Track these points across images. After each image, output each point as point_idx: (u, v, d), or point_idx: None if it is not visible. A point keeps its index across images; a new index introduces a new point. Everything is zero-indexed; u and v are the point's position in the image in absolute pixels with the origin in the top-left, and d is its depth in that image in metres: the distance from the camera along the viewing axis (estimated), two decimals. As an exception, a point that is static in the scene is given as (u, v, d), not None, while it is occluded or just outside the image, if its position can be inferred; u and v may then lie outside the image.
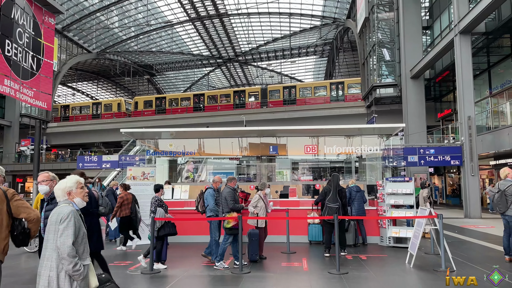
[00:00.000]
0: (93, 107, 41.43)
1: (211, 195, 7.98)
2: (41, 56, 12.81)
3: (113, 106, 40.37)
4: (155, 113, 38.33)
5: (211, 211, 7.93)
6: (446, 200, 26.58)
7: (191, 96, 39.02)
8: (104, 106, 40.85)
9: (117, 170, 23.05)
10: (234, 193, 7.71)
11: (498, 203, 7.39)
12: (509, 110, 18.25)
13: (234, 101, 36.58)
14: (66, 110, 42.13)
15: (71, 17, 37.17)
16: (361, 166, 13.82)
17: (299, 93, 34.71)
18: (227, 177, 8.64)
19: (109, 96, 60.37)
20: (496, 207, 7.51)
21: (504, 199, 7.30)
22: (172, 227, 7.55)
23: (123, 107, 39.82)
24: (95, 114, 40.68)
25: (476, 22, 16.47)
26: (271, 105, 35.01)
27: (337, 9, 37.79)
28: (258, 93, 36.41)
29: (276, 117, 32.99)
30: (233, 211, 7.45)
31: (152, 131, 13.04)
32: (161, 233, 7.41)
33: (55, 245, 2.90)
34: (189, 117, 36.02)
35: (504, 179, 7.53)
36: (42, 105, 12.88)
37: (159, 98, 39.75)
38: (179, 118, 36.15)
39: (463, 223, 14.37)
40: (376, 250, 9.30)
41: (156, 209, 7.52)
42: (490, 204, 7.56)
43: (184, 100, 38.49)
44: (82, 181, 3.28)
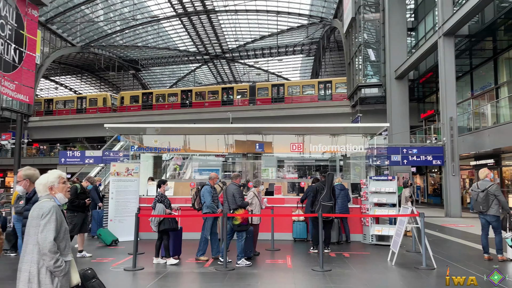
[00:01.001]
0: (77, 102, 40.65)
1: (208, 192, 7.87)
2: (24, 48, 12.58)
3: (99, 100, 39.65)
4: (141, 108, 37.86)
5: (207, 208, 7.82)
6: (428, 199, 27.04)
7: (179, 92, 38.61)
8: (89, 101, 40.10)
9: (100, 165, 22.78)
10: (241, 190, 7.75)
11: (482, 202, 7.51)
12: (489, 111, 18.65)
13: (222, 98, 36.42)
14: (50, 104, 41.25)
15: (55, 10, 36.44)
16: (346, 164, 13.97)
17: (288, 91, 34.74)
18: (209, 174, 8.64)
19: (93, 91, 59.51)
20: (479, 206, 7.59)
21: (487, 199, 7.45)
22: (172, 221, 7.50)
23: (108, 102, 39.18)
24: (80, 108, 39.96)
25: (459, 24, 16.75)
26: (259, 102, 34.96)
27: (324, 9, 37.96)
28: (246, 90, 36.31)
29: (263, 114, 32.96)
30: (241, 208, 7.46)
31: (136, 127, 12.93)
32: (161, 227, 7.38)
33: (36, 241, 2.85)
34: (176, 113, 35.64)
35: (483, 179, 7.73)
36: (23, 98, 12.65)
37: (146, 94, 39.28)
38: (165, 114, 35.76)
39: (443, 222, 14.65)
40: (359, 247, 9.42)
41: (155, 205, 7.51)
42: (471, 203, 7.78)
43: (171, 96, 38.10)
44: (64, 176, 3.24)
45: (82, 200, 8.23)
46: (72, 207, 8.09)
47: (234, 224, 7.38)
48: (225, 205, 7.80)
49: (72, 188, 8.21)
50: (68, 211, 8.17)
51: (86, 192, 8.55)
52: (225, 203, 7.81)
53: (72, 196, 8.05)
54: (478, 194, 7.62)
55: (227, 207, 7.66)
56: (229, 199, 7.59)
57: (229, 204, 7.61)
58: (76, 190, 8.21)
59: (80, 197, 8.19)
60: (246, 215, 7.45)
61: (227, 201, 7.69)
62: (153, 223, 7.47)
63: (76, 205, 8.12)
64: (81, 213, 8.20)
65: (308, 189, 9.49)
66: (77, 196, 8.15)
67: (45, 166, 37.02)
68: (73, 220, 8.04)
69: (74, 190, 8.17)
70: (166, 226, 7.43)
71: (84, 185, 8.61)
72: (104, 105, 39.12)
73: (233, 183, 7.83)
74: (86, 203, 8.33)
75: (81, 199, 8.20)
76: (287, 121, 29.59)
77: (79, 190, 8.26)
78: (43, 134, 39.40)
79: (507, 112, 17.29)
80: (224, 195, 7.83)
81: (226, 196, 7.70)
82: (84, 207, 8.30)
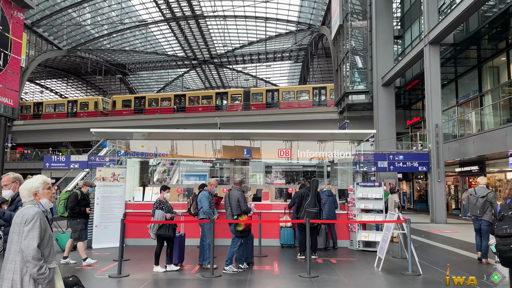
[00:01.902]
0: (68, 105, 39.86)
1: (206, 197, 7.75)
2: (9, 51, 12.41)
3: (90, 104, 38.94)
4: (134, 113, 37.26)
5: (204, 214, 7.70)
6: (414, 205, 27.30)
7: (172, 96, 38.16)
8: (80, 104, 39.34)
9: (85, 170, 22.47)
10: (245, 196, 7.68)
11: (480, 207, 7.94)
12: (474, 119, 18.95)
13: (216, 103, 36.17)
14: (40, 107, 40.39)
15: (42, 13, 36.07)
16: (333, 170, 14.02)
17: (282, 96, 34.72)
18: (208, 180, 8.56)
19: (79, 95, 58.84)
20: (476, 211, 8.02)
21: (484, 205, 7.92)
22: (169, 228, 7.30)
23: (100, 106, 38.50)
24: (71, 112, 39.21)
25: (445, 33, 17.05)
26: (253, 108, 34.86)
27: (312, 16, 38.31)
28: (241, 95, 36.15)
29: (255, 120, 32.80)
30: (245, 213, 7.40)
31: (123, 131, 12.79)
32: (158, 232, 7.23)
33: (19, 248, 2.79)
34: (169, 118, 35.25)
35: (482, 185, 8.29)
36: (8, 102, 12.46)
37: (138, 98, 38.72)
38: (158, 118, 35.31)
39: (429, 228, 14.79)
40: (346, 253, 9.44)
41: (154, 211, 7.38)
42: (467, 208, 8.26)
43: (164, 101, 37.63)
44: (49, 181, 3.18)
45: (83, 206, 8.07)
46: (73, 214, 7.95)
47: (236, 230, 7.30)
48: (227, 211, 7.63)
49: (73, 195, 8.09)
50: (70, 218, 8.04)
51: (86, 198, 8.35)
52: (227, 208, 7.64)
53: (73, 203, 7.93)
54: (477, 199, 8.04)
55: (230, 212, 7.50)
56: (233, 205, 7.45)
57: (232, 209, 7.46)
58: (77, 196, 8.05)
59: (80, 204, 8.04)
60: (249, 221, 7.42)
61: (230, 206, 7.52)
62: (152, 230, 7.26)
63: (77, 212, 7.98)
64: (83, 219, 8.06)
65: (295, 195, 9.49)
66: (78, 203, 8.00)
67: (29, 171, 36.36)
68: (77, 227, 7.91)
69: (74, 197, 8.02)
70: (161, 232, 7.23)
71: (84, 191, 8.36)
72: (96, 109, 38.46)
73: (237, 188, 7.67)
74: (87, 210, 8.18)
75: (81, 206, 8.04)
76: (278, 127, 29.67)
77: (79, 196, 8.10)
78: (28, 138, 38.74)
79: (491, 119, 17.59)
80: (227, 200, 7.66)
81: (230, 202, 7.53)
82: (86, 213, 8.15)
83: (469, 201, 8.32)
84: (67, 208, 8.12)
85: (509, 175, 16.98)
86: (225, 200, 7.79)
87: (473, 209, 8.13)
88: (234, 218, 7.40)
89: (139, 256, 8.73)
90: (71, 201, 8.03)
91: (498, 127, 15.32)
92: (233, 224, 7.40)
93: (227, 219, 7.58)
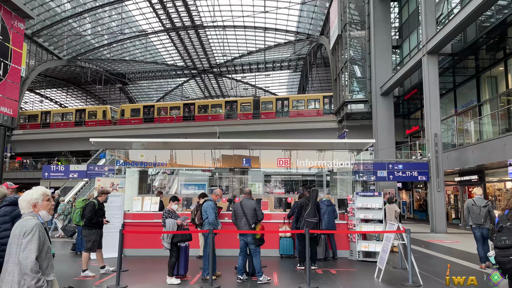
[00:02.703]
0: (76, 114, 39.54)
1: (212, 208, 7.66)
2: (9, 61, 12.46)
3: (98, 113, 38.64)
4: (143, 121, 36.94)
5: (209, 225, 7.60)
6: (413, 214, 27.23)
7: (181, 105, 37.85)
8: (89, 113, 39.02)
9: (84, 180, 22.43)
10: None
11: (483, 216, 8.50)
12: (473, 128, 19.01)
13: (226, 112, 36.05)
14: (47, 116, 40.11)
15: (42, 23, 36.28)
16: (332, 180, 14.01)
17: (292, 105, 34.66)
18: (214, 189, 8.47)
19: (79, 104, 58.92)
20: (480, 220, 8.54)
21: (486, 214, 8.49)
22: (184, 233, 7.28)
23: (108, 115, 38.19)
24: (79, 121, 38.77)
25: (443, 43, 17.18)
26: (263, 116, 34.75)
27: (311, 26, 38.60)
28: (250, 104, 35.95)
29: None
30: (260, 222, 7.38)
31: (122, 141, 12.80)
32: (175, 239, 7.18)
33: (18, 259, 2.77)
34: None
35: (479, 196, 8.87)
36: (7, 111, 12.47)
37: (147, 107, 38.42)
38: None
39: (429, 238, 14.73)
40: (345, 264, 9.38)
41: (165, 221, 7.31)
42: (469, 217, 8.86)
43: (173, 109, 37.35)
44: (48, 193, 3.17)
45: (100, 216, 7.98)
46: (90, 224, 7.84)
47: (256, 239, 7.25)
48: (241, 221, 7.46)
49: (90, 205, 7.96)
50: (86, 228, 7.93)
51: (103, 207, 8.24)
52: (240, 218, 7.48)
53: (91, 213, 7.81)
54: (480, 209, 8.58)
55: (246, 222, 7.38)
56: (249, 214, 7.36)
57: (248, 219, 7.36)
58: (94, 206, 7.92)
59: (97, 214, 7.92)
60: (265, 231, 7.39)
61: (244, 216, 7.41)
62: (165, 241, 7.18)
63: (95, 222, 7.87)
64: (98, 230, 7.97)
65: (294, 205, 9.46)
66: (95, 213, 7.87)
67: (27, 180, 36.31)
68: (91, 238, 7.81)
69: (92, 206, 7.90)
70: (178, 239, 7.19)
71: (100, 200, 8.21)
72: (104, 118, 38.13)
73: (248, 197, 7.62)
74: (104, 221, 8.09)
75: (98, 216, 7.94)
76: (277, 136, 29.69)
77: (96, 206, 7.98)
78: (27, 147, 38.67)
79: (490, 129, 17.65)
80: (239, 210, 7.52)
81: (244, 211, 7.42)
82: (102, 223, 8.05)
83: (472, 211, 8.74)
84: (84, 218, 7.97)
85: (509, 185, 16.97)
86: (236, 210, 7.62)
87: (477, 218, 8.59)
88: (252, 228, 7.34)
89: (137, 267, 8.68)
90: (88, 211, 7.86)
91: (497, 136, 15.37)
92: (250, 234, 7.32)
93: (241, 229, 7.44)
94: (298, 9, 36.90)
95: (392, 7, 26.79)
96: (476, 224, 8.59)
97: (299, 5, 35.53)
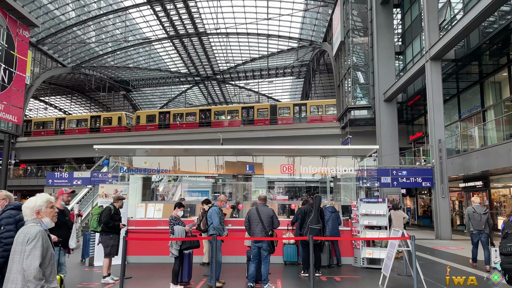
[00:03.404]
0: (91, 120, 39.52)
1: (216, 213, 7.64)
2: (14, 69, 12.56)
3: (113, 119, 38.56)
4: (158, 128, 36.80)
5: (214, 230, 7.57)
6: (418, 221, 27.06)
7: (197, 111, 37.72)
8: (105, 120, 38.96)
9: (88, 187, 22.48)
10: None
11: (484, 222, 9.34)
12: (477, 134, 18.92)
13: (242, 117, 35.89)
14: (62, 123, 40.09)
15: (47, 31, 36.58)
16: (336, 186, 13.96)
17: (310, 110, 34.54)
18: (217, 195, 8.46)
19: (83, 111, 59.21)
20: (481, 226, 9.36)
21: (486, 220, 9.35)
22: (193, 240, 7.26)
23: (124, 121, 38.11)
24: (94, 127, 38.67)
25: (446, 49, 17.16)
26: (280, 122, 34.67)
27: (314, 32, 38.72)
28: (267, 110, 35.88)
29: (258, 135, 32.80)
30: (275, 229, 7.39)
31: (126, 148, 12.82)
32: (184, 247, 7.15)
33: (21, 267, 2.76)
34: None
35: (477, 203, 9.69)
36: (12, 118, 12.55)
37: (163, 113, 38.35)
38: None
39: (434, 244, 14.62)
40: (350, 271, 9.32)
41: (172, 228, 7.27)
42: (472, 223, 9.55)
43: (189, 115, 37.28)
44: (52, 200, 3.17)
45: (116, 221, 8.01)
46: (107, 229, 7.88)
47: (271, 246, 7.27)
48: (257, 227, 7.37)
49: (106, 210, 7.99)
50: (103, 233, 7.97)
51: (119, 213, 8.27)
52: (256, 225, 7.39)
53: (107, 218, 7.86)
54: (480, 216, 9.38)
55: (262, 229, 7.31)
56: (266, 221, 7.32)
57: (264, 226, 7.31)
58: (110, 211, 7.97)
59: (114, 218, 7.97)
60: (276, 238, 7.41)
61: (261, 222, 7.34)
62: (173, 248, 7.14)
63: (111, 226, 7.91)
64: (116, 235, 7.99)
65: (297, 212, 9.42)
66: (112, 218, 7.93)
67: (32, 187, 36.42)
68: (109, 243, 7.83)
69: (108, 211, 7.94)
70: (187, 245, 7.15)
71: (116, 205, 8.23)
72: (119, 124, 38.03)
73: (264, 204, 7.58)
74: (120, 225, 8.13)
75: (115, 221, 7.98)
76: (281, 142, 29.69)
77: (112, 211, 8.02)
78: (31, 154, 38.82)
79: (494, 134, 17.56)
80: (255, 217, 7.46)
81: (260, 218, 7.36)
82: (119, 228, 8.09)
83: (473, 218, 9.51)
84: (101, 223, 8.02)
85: (514, 191, 16.85)
86: (251, 216, 7.52)
87: (478, 224, 9.38)
88: (269, 235, 7.30)
89: (141, 274, 8.65)
90: (105, 216, 7.92)
91: (501, 142, 15.28)
92: (266, 240, 7.28)
93: (256, 236, 7.37)
94: (301, 16, 37.04)
95: (395, 13, 26.84)
96: (477, 230, 9.40)
97: (302, 12, 35.68)
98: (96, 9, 36.40)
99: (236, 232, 9.79)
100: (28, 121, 40.90)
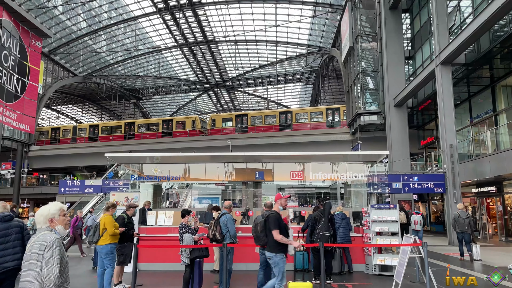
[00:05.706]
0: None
1: (232, 220, 7.49)
2: (26, 79, 12.76)
3: (187, 123, 38.01)
4: (235, 131, 36.07)
5: (231, 238, 7.46)
6: (430, 227, 26.73)
7: (277, 113, 36.75)
8: (176, 123, 38.42)
9: (99, 195, 22.67)
10: None
11: (466, 225, 11.73)
12: (489, 138, 18.69)
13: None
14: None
15: (58, 41, 37.20)
16: (347, 192, 13.88)
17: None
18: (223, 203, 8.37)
19: (93, 120, 59.87)
20: (464, 227, 11.74)
21: (469, 223, 11.75)
22: (203, 249, 7.20)
23: (198, 125, 37.63)
24: (166, 132, 38.11)
25: (456, 53, 17.03)
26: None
27: (322, 38, 38.76)
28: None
29: (265, 142, 32.68)
30: None
31: (136, 156, 12.92)
32: (192, 255, 7.11)
33: (39, 275, 2.79)
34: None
35: (461, 209, 12.18)
36: (25, 128, 12.73)
37: (240, 116, 37.85)
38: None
39: (447, 251, 14.43)
40: (361, 278, 9.23)
41: (182, 236, 7.25)
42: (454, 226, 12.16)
43: (268, 118, 36.48)
44: (65, 208, 3.22)
45: (130, 230, 8.03)
46: (120, 238, 7.86)
47: None
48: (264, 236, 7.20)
49: (120, 219, 8.00)
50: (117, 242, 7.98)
51: (132, 221, 8.29)
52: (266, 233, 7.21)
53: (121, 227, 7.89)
54: (464, 219, 11.83)
55: None
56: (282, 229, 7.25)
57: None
58: (123, 220, 7.99)
59: (128, 227, 7.97)
60: None
61: None
62: (183, 255, 7.13)
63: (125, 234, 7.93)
64: (129, 243, 7.99)
65: (308, 218, 9.38)
66: (125, 226, 7.93)
67: (44, 195, 36.83)
68: (124, 251, 7.82)
69: (121, 220, 7.94)
70: (196, 254, 7.10)
71: (129, 214, 8.27)
72: (194, 128, 37.52)
73: (274, 211, 7.23)
74: (133, 234, 8.13)
75: (129, 229, 7.99)
76: (291, 149, 29.64)
77: (126, 220, 8.04)
78: (44, 163, 39.28)
79: (507, 139, 17.33)
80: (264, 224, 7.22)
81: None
82: (132, 237, 8.09)
83: (458, 221, 11.91)
84: None
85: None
86: (261, 223, 7.31)
87: (462, 226, 11.81)
88: None
89: (152, 282, 8.68)
90: (119, 225, 7.93)
91: (514, 146, 15.07)
92: None
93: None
94: (309, 22, 37.13)
95: (404, 18, 26.75)
96: (461, 230, 11.81)
97: (310, 18, 35.77)
98: (106, 19, 36.95)
99: (246, 239, 9.76)
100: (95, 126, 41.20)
